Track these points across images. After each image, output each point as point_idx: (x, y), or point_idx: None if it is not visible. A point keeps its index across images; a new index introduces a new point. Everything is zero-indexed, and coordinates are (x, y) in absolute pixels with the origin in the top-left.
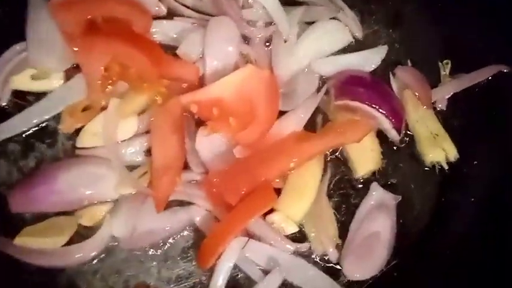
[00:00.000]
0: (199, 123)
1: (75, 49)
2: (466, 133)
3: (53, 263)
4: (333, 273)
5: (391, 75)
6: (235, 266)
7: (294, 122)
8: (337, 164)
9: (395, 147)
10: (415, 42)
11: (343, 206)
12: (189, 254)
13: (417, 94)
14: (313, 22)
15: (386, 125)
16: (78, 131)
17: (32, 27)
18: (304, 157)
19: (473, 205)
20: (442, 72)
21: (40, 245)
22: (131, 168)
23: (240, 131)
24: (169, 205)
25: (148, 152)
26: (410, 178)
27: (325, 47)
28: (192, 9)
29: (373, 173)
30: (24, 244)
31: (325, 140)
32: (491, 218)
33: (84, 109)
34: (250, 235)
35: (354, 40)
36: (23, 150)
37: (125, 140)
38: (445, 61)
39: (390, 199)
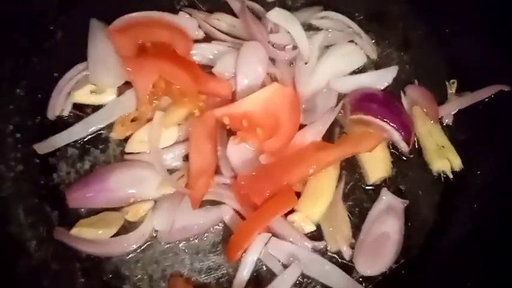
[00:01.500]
0: (231, 133)
1: (128, 69)
2: (470, 145)
3: (102, 251)
4: (346, 270)
5: (401, 93)
6: (259, 260)
7: (314, 133)
8: (352, 172)
9: (404, 158)
10: (424, 63)
11: (356, 209)
12: (218, 248)
13: (425, 110)
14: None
15: (397, 137)
16: (127, 139)
17: (92, 49)
18: (322, 164)
19: (475, 211)
20: (449, 91)
21: (92, 235)
22: (171, 171)
23: (266, 140)
24: (203, 204)
25: (186, 157)
26: (418, 185)
27: (342, 67)
28: (227, 34)
29: (384, 180)
30: (78, 234)
31: (341, 149)
32: (492, 222)
33: (133, 120)
34: (272, 233)
35: (368, 61)
36: (80, 155)
37: (166, 147)
38: (451, 80)
39: (399, 203)
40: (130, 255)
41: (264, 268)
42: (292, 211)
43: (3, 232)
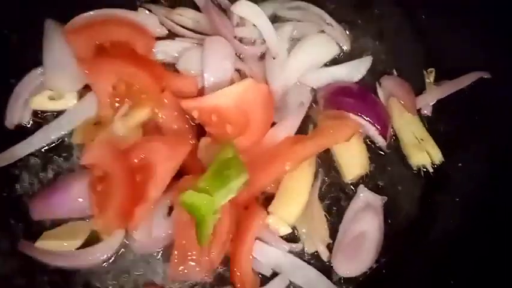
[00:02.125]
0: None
1: (86, 71)
2: (451, 137)
3: (69, 264)
4: (325, 271)
5: (377, 85)
6: None
7: (286, 130)
8: (328, 170)
9: (382, 152)
10: (400, 52)
11: (334, 208)
12: None
13: (402, 102)
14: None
15: (373, 132)
16: None
17: (47, 52)
18: (299, 159)
19: (457, 205)
20: (427, 80)
21: (58, 247)
22: None
23: (236, 137)
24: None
25: None
26: (397, 181)
27: (314, 60)
28: (191, 30)
29: (362, 177)
30: (44, 247)
31: (316, 141)
32: (475, 216)
33: (95, 124)
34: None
35: (342, 52)
36: (43, 164)
37: None
38: (429, 69)
39: (377, 200)
40: (99, 266)
41: None
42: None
43: None
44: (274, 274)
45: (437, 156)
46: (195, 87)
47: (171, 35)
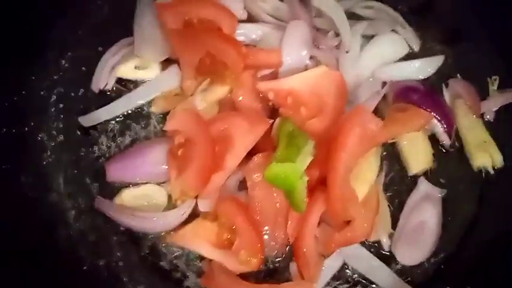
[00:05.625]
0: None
1: (176, 42)
2: (510, 143)
3: (140, 226)
4: (384, 260)
5: (443, 86)
6: None
7: None
8: (392, 163)
9: (445, 151)
10: (467, 57)
11: (396, 200)
12: None
13: (468, 104)
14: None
15: (438, 129)
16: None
17: (138, 23)
18: (373, 143)
19: None
20: (491, 87)
21: (135, 208)
22: None
23: (309, 119)
24: None
25: None
26: (458, 179)
27: (385, 57)
28: (271, 16)
29: (425, 173)
30: (121, 204)
31: (391, 127)
32: None
33: (175, 95)
34: None
35: (410, 53)
36: (121, 130)
37: None
38: (493, 77)
39: (436, 192)
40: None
41: None
42: None
43: (44, 200)
44: None
45: (499, 159)
46: (280, 58)
47: (252, 19)
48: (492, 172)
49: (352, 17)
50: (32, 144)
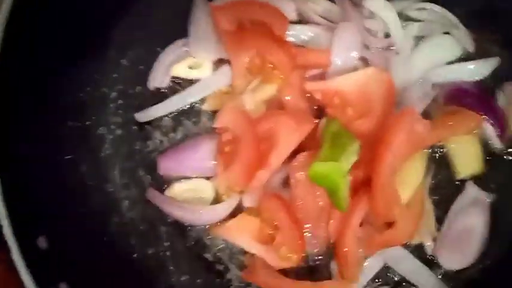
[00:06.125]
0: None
1: (229, 43)
2: None
3: (188, 217)
4: (427, 264)
5: (498, 90)
6: None
7: None
8: (441, 166)
9: (496, 155)
10: None
11: (442, 203)
12: None
13: None
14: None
15: (491, 132)
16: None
17: (194, 25)
18: (422, 143)
19: None
20: None
21: (184, 200)
22: None
23: (356, 120)
24: None
25: None
26: (509, 185)
27: (437, 59)
28: (322, 17)
29: (474, 177)
30: (171, 197)
31: (436, 132)
32: None
33: (225, 94)
34: None
35: (465, 54)
36: (174, 125)
37: None
38: None
39: (484, 196)
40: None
41: None
42: None
43: (100, 189)
44: None
45: None
46: (329, 58)
47: (303, 21)
48: None
49: (405, 19)
50: (93, 137)
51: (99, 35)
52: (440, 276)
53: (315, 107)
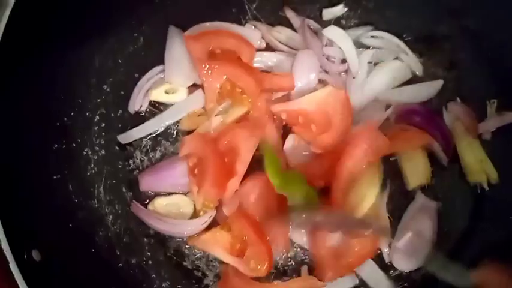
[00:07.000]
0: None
1: (203, 70)
2: (506, 160)
3: (168, 230)
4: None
5: (443, 109)
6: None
7: None
8: (394, 179)
9: (442, 167)
10: (467, 82)
11: (396, 211)
12: None
13: (465, 125)
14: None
15: (437, 147)
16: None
17: (169, 53)
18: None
19: (510, 222)
20: (489, 110)
21: (165, 214)
22: None
23: (319, 135)
24: None
25: None
26: (454, 194)
27: (390, 82)
28: (285, 45)
29: (423, 187)
30: (153, 211)
31: (390, 145)
32: None
33: (199, 115)
34: None
35: (413, 78)
36: (153, 146)
37: None
38: (492, 100)
39: (432, 204)
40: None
41: None
42: None
43: (88, 205)
44: None
45: (494, 177)
46: (292, 82)
47: (268, 48)
48: (487, 188)
49: (359, 46)
50: (78, 158)
51: (80, 63)
52: (395, 276)
53: (282, 126)
